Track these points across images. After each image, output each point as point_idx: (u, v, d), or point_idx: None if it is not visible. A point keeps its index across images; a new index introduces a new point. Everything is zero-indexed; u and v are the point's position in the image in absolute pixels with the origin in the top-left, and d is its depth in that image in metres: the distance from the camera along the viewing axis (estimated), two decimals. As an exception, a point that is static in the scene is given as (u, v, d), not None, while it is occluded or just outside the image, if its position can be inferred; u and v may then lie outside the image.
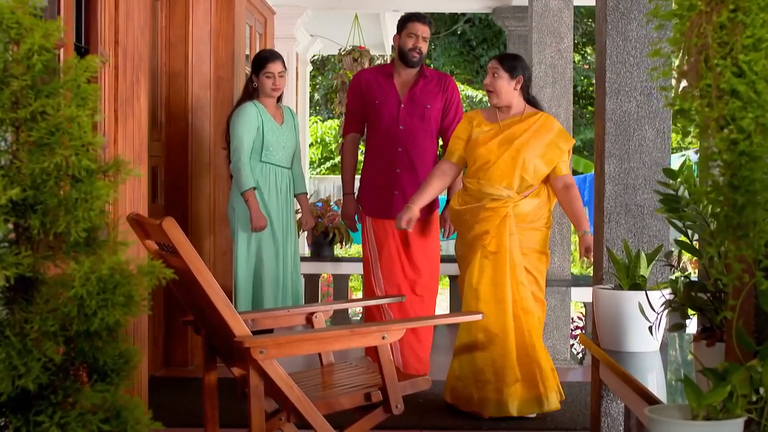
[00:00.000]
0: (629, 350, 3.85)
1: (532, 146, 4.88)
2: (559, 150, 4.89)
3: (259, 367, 3.44)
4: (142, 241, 3.81)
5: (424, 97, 5.55)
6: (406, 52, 5.49)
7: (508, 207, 4.85)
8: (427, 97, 5.56)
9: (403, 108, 5.52)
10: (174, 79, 6.11)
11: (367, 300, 4.82)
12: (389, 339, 3.62)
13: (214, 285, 3.43)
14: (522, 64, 4.97)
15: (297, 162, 5.69)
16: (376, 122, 5.57)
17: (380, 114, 5.53)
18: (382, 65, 5.88)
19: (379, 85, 5.59)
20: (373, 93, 5.58)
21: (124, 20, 3.99)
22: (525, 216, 4.87)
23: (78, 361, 1.86)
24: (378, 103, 5.54)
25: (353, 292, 12.48)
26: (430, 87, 5.57)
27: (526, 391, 4.81)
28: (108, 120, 3.90)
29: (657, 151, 4.15)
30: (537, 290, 4.90)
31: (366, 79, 5.66)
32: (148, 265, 1.84)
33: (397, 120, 5.52)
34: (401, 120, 5.51)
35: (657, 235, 4.16)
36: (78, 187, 1.82)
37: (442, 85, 5.60)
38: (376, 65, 6.38)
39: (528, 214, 4.88)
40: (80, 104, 1.80)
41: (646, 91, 4.13)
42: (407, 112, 5.52)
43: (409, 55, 5.48)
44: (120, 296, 1.76)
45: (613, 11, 4.12)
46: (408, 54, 5.49)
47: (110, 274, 1.77)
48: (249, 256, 5.41)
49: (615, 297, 3.89)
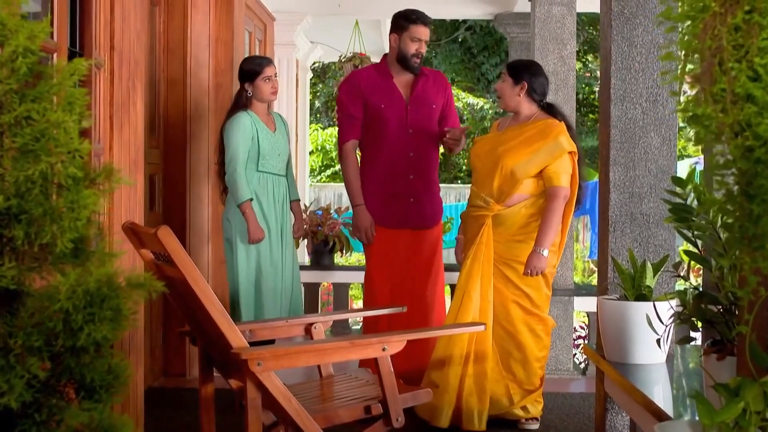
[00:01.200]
0: (635, 362, 3.77)
1: (515, 153, 4.71)
2: (549, 156, 4.64)
3: (257, 379, 3.38)
4: (137, 250, 3.74)
5: (427, 96, 5.29)
6: (409, 58, 5.21)
7: (487, 216, 4.73)
8: (430, 95, 5.30)
9: (410, 109, 5.24)
10: (172, 86, 6.03)
11: (367, 310, 4.73)
12: (390, 350, 3.55)
13: (210, 295, 3.37)
14: (531, 70, 4.81)
15: (289, 169, 5.59)
16: (382, 127, 5.24)
17: (387, 118, 5.23)
18: (376, 65, 5.50)
19: (380, 87, 5.29)
20: (376, 96, 5.26)
21: (119, 24, 3.91)
22: (510, 227, 4.71)
23: (64, 377, 1.77)
24: (384, 106, 5.24)
25: (354, 300, 12.40)
26: (430, 85, 5.32)
27: (480, 405, 4.68)
28: (103, 126, 3.82)
29: (663, 159, 4.08)
30: (530, 305, 4.74)
31: (365, 80, 5.33)
32: (138, 278, 1.75)
33: (405, 123, 5.23)
34: (409, 123, 5.24)
35: (663, 245, 4.08)
36: (65, 195, 1.73)
37: (440, 83, 5.38)
38: (368, 65, 6.02)
39: (513, 225, 4.71)
40: (67, 109, 1.72)
41: (652, 98, 4.06)
42: (414, 114, 5.24)
43: (412, 61, 5.22)
44: (108, 310, 1.68)
45: (618, 16, 4.05)
46: (410, 60, 5.21)
47: (98, 287, 1.68)
48: (249, 266, 5.33)
49: (620, 308, 3.81)
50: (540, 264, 4.61)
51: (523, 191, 4.71)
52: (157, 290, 1.77)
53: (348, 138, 5.35)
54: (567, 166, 4.68)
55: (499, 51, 21.01)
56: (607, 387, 4.04)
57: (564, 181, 4.65)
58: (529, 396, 4.77)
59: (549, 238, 4.61)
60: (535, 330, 4.74)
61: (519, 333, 4.73)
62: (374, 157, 5.32)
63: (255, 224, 5.25)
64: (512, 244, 4.71)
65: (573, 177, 4.71)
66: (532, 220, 4.70)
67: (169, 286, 3.81)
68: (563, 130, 4.70)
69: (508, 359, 4.76)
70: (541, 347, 4.78)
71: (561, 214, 4.65)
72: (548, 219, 4.62)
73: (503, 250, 4.72)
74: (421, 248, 5.29)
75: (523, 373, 4.75)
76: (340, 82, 10.22)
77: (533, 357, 4.75)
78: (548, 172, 4.66)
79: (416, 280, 5.26)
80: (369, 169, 5.35)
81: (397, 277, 5.27)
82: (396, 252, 5.27)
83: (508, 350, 4.75)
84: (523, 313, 4.72)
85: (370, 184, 5.33)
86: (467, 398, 4.66)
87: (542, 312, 4.76)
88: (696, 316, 2.61)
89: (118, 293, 1.69)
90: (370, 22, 10.58)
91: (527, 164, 4.67)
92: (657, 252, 4.09)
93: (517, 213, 4.71)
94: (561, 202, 4.64)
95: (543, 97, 4.83)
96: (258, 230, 5.26)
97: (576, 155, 4.70)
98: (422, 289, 5.27)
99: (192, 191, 6.07)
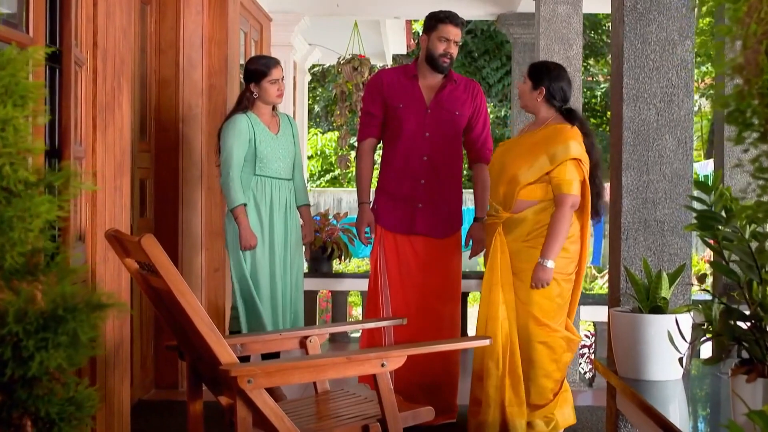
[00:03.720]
0: (649, 378, 3.56)
1: (520, 158, 4.48)
2: (550, 162, 4.39)
3: (247, 397, 3.19)
4: (121, 260, 3.53)
5: (452, 103, 5.09)
6: (436, 58, 5.01)
7: (498, 224, 4.52)
8: (455, 103, 5.09)
9: (430, 114, 5.05)
10: (164, 87, 5.82)
11: (366, 322, 4.52)
12: (389, 366, 3.36)
13: (197, 308, 3.17)
14: (552, 75, 4.56)
15: (298, 172, 5.37)
16: (398, 128, 5.07)
17: (404, 119, 5.05)
18: (404, 66, 5.32)
19: (402, 87, 5.11)
20: (396, 96, 5.09)
21: (103, 20, 3.70)
22: (519, 233, 4.47)
23: (16, 411, 1.55)
24: (402, 107, 5.05)
25: (353, 307, 12.16)
26: (458, 93, 5.12)
27: (521, 414, 4.49)
28: (85, 128, 3.60)
29: (678, 162, 3.85)
30: (540, 315, 4.49)
31: (388, 79, 5.16)
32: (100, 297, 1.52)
33: (423, 126, 5.04)
34: (427, 126, 5.04)
35: (678, 254, 3.86)
36: (14, 203, 1.50)
37: (470, 92, 5.15)
38: (398, 65, 5.81)
39: (521, 231, 4.47)
40: (18, 104, 1.50)
41: (667, 98, 3.84)
42: (434, 119, 5.05)
43: (440, 60, 5.01)
44: (63, 335, 1.45)
45: (631, 12, 3.83)
46: (438, 60, 5.01)
47: (52, 309, 1.46)
48: (243, 274, 5.12)
49: (634, 321, 3.60)
50: (544, 276, 4.38)
51: (529, 197, 4.47)
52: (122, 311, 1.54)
53: (364, 136, 5.21)
54: (573, 173, 4.41)
55: (500, 55, 20.85)
56: (620, 404, 3.83)
57: (573, 189, 4.39)
58: (537, 411, 4.53)
59: (554, 249, 4.38)
60: (546, 342, 4.48)
61: (527, 345, 4.49)
62: (389, 157, 5.15)
63: (247, 230, 5.04)
64: (522, 251, 4.48)
65: (584, 186, 4.45)
66: (541, 225, 4.46)
67: (155, 298, 3.60)
68: (573, 136, 4.44)
69: (516, 370, 4.53)
70: (552, 360, 4.52)
71: (568, 223, 4.40)
72: (554, 228, 4.39)
73: (514, 258, 4.49)
74: (434, 257, 5.04)
75: (532, 386, 4.51)
76: (340, 85, 10.08)
77: (542, 371, 4.50)
78: (554, 179, 4.42)
79: (427, 291, 5.02)
80: (384, 168, 5.19)
81: (406, 285, 5.03)
82: (405, 258, 5.04)
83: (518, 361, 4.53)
84: (533, 324, 4.48)
85: (383, 184, 5.18)
86: (509, 409, 4.46)
87: (553, 322, 4.50)
88: (724, 334, 2.39)
89: (76, 315, 1.46)
90: (369, 24, 10.38)
91: (528, 170, 4.44)
92: (672, 261, 3.86)
93: (524, 218, 4.47)
94: (568, 211, 4.40)
95: (563, 103, 4.58)
96: (250, 237, 5.04)
97: (583, 162, 4.42)
98: (434, 301, 5.02)
99: (184, 196, 5.86)
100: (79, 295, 1.51)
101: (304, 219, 5.42)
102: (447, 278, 5.07)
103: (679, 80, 3.83)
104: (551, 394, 4.54)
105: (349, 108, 9.88)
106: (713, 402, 3.54)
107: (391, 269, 5.04)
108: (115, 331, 4.03)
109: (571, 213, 4.41)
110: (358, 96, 9.44)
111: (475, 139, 5.15)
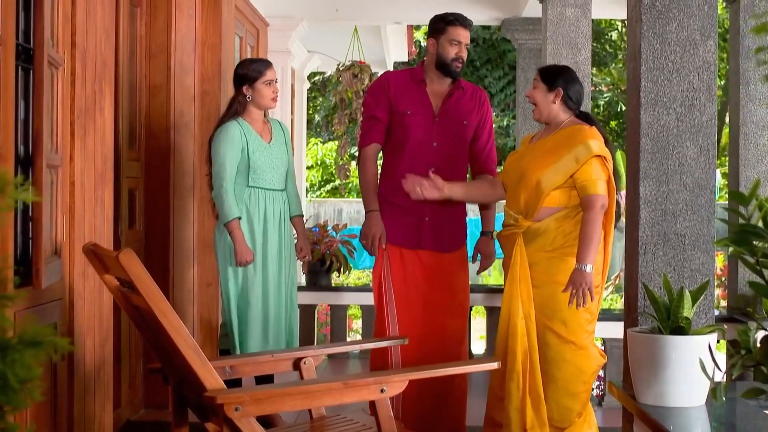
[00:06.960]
0: (671, 405, 3.30)
1: (540, 163, 4.21)
2: (575, 162, 4.11)
3: (235, 426, 2.94)
4: (101, 276, 3.28)
5: (460, 112, 4.83)
6: (449, 63, 4.75)
7: (518, 234, 4.25)
8: (463, 112, 4.83)
9: (438, 122, 4.78)
10: (155, 93, 5.56)
11: (365, 343, 4.26)
12: (389, 392, 3.11)
13: (180, 328, 2.92)
14: (566, 76, 4.30)
15: (291, 181, 5.08)
16: (404, 136, 4.78)
17: (410, 126, 4.76)
18: (411, 69, 5.03)
19: (410, 92, 4.83)
20: (404, 101, 4.80)
21: (83, 19, 3.45)
22: (541, 242, 4.20)
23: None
24: (410, 114, 4.78)
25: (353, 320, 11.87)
26: (465, 101, 4.85)
27: None
28: (62, 134, 3.35)
29: (700, 171, 3.60)
30: (563, 330, 4.19)
31: (395, 83, 4.88)
32: (36, 334, 1.25)
33: (430, 135, 4.76)
34: (435, 136, 4.77)
35: (701, 269, 3.60)
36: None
37: (477, 100, 4.89)
38: (404, 68, 5.51)
39: (544, 240, 4.20)
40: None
41: (688, 102, 3.58)
42: (442, 128, 4.79)
43: (453, 65, 4.75)
44: (-12, 378, 1.19)
45: (649, 10, 3.58)
46: (451, 65, 4.75)
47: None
48: (236, 291, 4.84)
49: (654, 343, 3.34)
50: (585, 280, 4.06)
51: (551, 204, 4.17)
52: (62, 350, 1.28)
53: (367, 141, 4.88)
54: (599, 172, 4.11)
55: (503, 64, 20.66)
56: (638, 431, 3.56)
57: (600, 189, 4.08)
58: None
59: (591, 252, 4.06)
60: (572, 361, 4.18)
61: (550, 363, 4.20)
62: (393, 166, 4.83)
63: (243, 245, 4.76)
64: (544, 261, 4.19)
65: (609, 185, 4.15)
66: (565, 233, 4.17)
67: (137, 317, 3.35)
68: (593, 135, 4.14)
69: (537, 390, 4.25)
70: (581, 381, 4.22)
71: (600, 224, 4.09)
72: (586, 231, 4.08)
73: (534, 270, 4.21)
74: (442, 272, 4.76)
75: (555, 407, 4.21)
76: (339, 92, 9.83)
77: (566, 391, 4.20)
78: (579, 180, 4.12)
79: (435, 306, 4.73)
80: (386, 178, 4.88)
81: (413, 301, 4.74)
82: (412, 273, 4.75)
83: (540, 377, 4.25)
84: (557, 341, 4.18)
85: (386, 195, 4.84)
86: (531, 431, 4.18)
87: (579, 339, 4.19)
88: (765, 363, 2.13)
89: (6, 355, 1.20)
90: (369, 29, 10.15)
91: (554, 174, 4.13)
92: (694, 277, 3.60)
93: (547, 227, 4.18)
94: (599, 212, 4.09)
95: (579, 106, 4.32)
96: (246, 252, 4.76)
97: (607, 160, 4.13)
98: (442, 316, 4.73)
99: (176, 207, 5.60)
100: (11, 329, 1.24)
101: (298, 231, 5.12)
102: (455, 294, 4.79)
103: (701, 83, 3.58)
104: (576, 416, 4.24)
105: (349, 116, 9.60)
106: (741, 430, 3.29)
107: (397, 285, 4.75)
108: (96, 350, 3.78)
109: (602, 214, 4.12)
110: (358, 104, 9.17)
111: (480, 149, 4.88)
